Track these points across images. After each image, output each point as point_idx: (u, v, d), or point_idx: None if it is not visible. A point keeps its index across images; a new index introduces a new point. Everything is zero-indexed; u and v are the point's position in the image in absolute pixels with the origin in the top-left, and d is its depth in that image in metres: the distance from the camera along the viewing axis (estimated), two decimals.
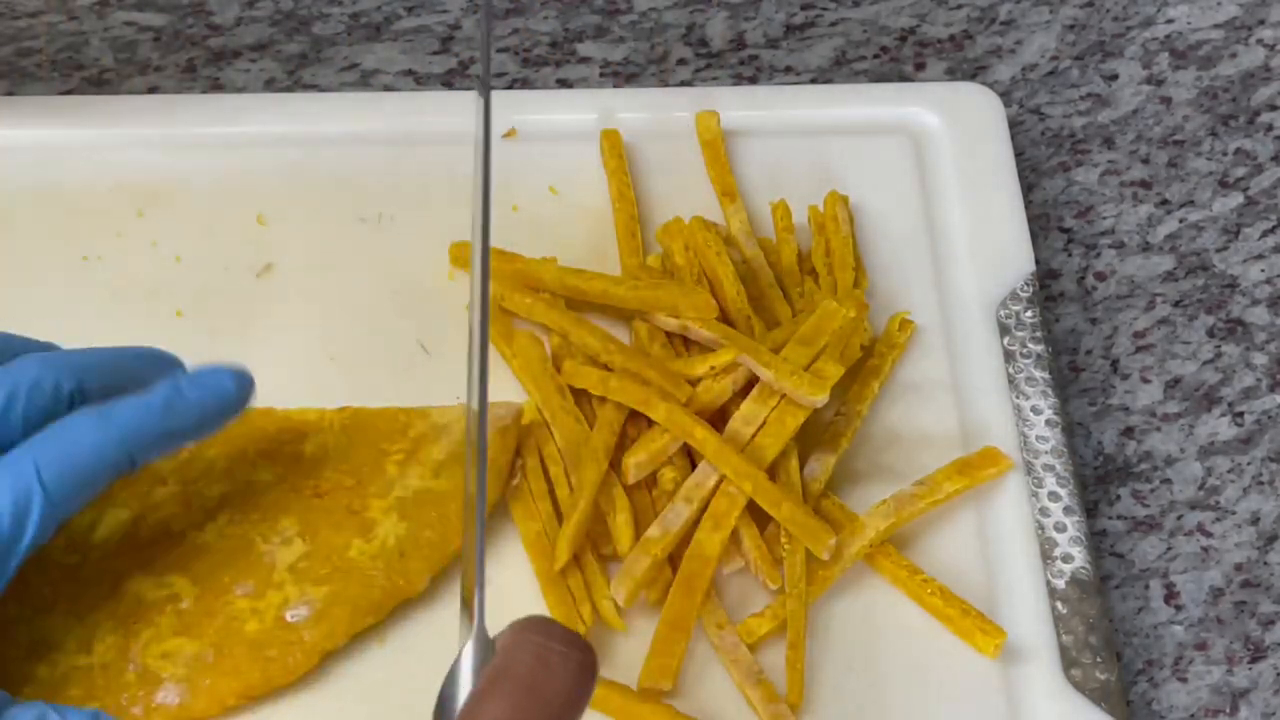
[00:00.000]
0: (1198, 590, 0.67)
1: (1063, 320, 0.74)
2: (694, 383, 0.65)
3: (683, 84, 0.81)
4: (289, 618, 0.61)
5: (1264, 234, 0.77)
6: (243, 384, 0.58)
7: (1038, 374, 0.69)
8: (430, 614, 0.62)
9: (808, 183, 0.74)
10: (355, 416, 0.66)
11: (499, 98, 0.78)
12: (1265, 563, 0.68)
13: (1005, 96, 0.80)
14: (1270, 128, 0.80)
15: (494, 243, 0.70)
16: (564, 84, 0.81)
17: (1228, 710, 0.65)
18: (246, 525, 0.62)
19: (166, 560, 0.61)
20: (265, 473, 0.64)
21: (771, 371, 0.64)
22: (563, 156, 0.75)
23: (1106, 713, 0.61)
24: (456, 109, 0.77)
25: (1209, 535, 0.69)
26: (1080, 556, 0.65)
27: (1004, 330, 0.70)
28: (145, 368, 0.58)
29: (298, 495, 0.63)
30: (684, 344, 0.68)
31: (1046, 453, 0.67)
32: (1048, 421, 0.68)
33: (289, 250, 0.71)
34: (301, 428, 0.65)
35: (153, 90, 0.79)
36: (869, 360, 0.69)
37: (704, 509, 0.63)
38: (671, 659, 0.61)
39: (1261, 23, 0.84)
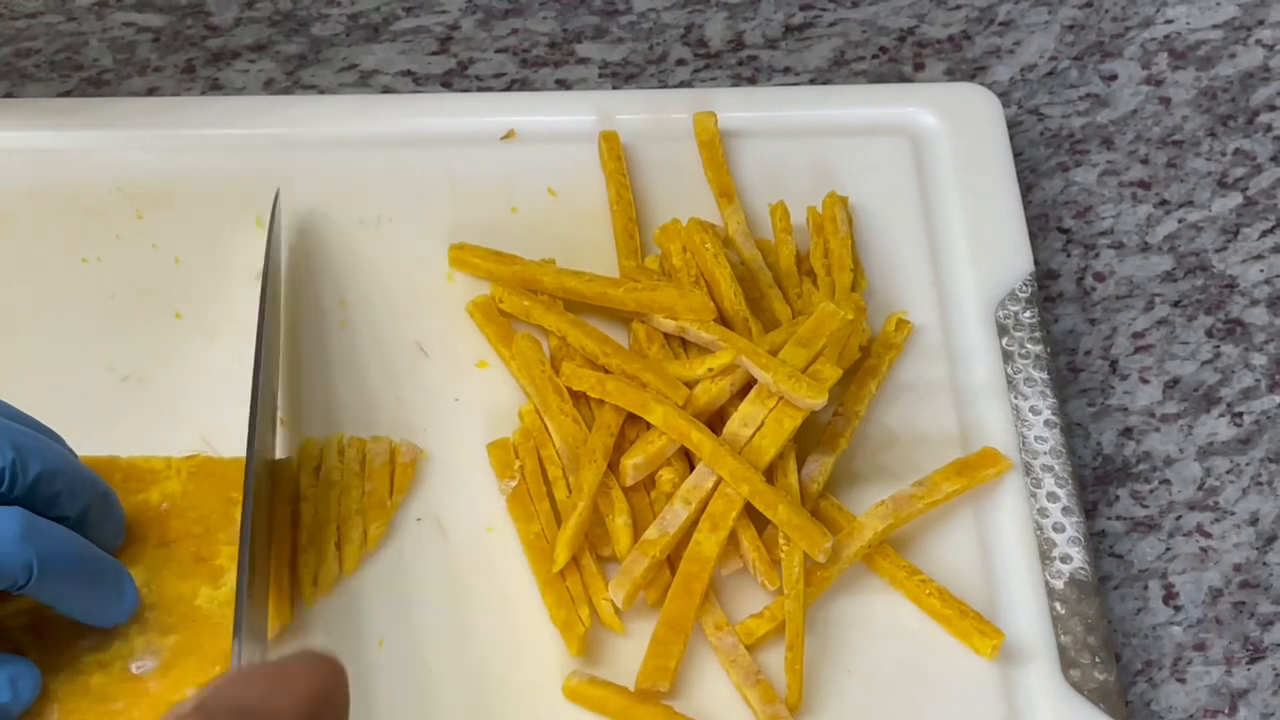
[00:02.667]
0: (1196, 591, 0.68)
1: (1062, 320, 0.74)
2: (692, 384, 0.65)
3: (681, 85, 0.81)
4: (134, 669, 0.60)
5: (1263, 234, 0.77)
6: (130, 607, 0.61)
7: (1036, 374, 0.69)
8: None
9: (806, 183, 0.74)
10: (203, 465, 0.65)
11: (499, 98, 0.79)
12: (1264, 563, 0.68)
13: (1004, 97, 0.80)
14: (1269, 128, 0.80)
15: (493, 244, 0.71)
16: (563, 84, 0.81)
17: (1226, 711, 0.65)
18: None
19: (7, 611, 0.60)
20: None
21: (769, 374, 0.64)
22: (561, 158, 0.75)
23: (1105, 713, 0.61)
24: (455, 109, 0.77)
25: (1208, 536, 0.69)
26: (1079, 557, 0.65)
27: (1002, 330, 0.70)
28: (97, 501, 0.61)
29: (143, 544, 0.63)
30: (682, 345, 0.68)
31: (1045, 453, 0.67)
32: (1046, 422, 0.68)
33: (288, 252, 0.71)
34: (147, 476, 0.65)
35: (152, 91, 0.79)
36: (866, 360, 0.69)
37: (702, 510, 0.63)
38: (669, 660, 0.61)
39: (1261, 23, 0.84)
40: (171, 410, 0.67)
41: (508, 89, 0.80)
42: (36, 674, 0.59)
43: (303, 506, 0.64)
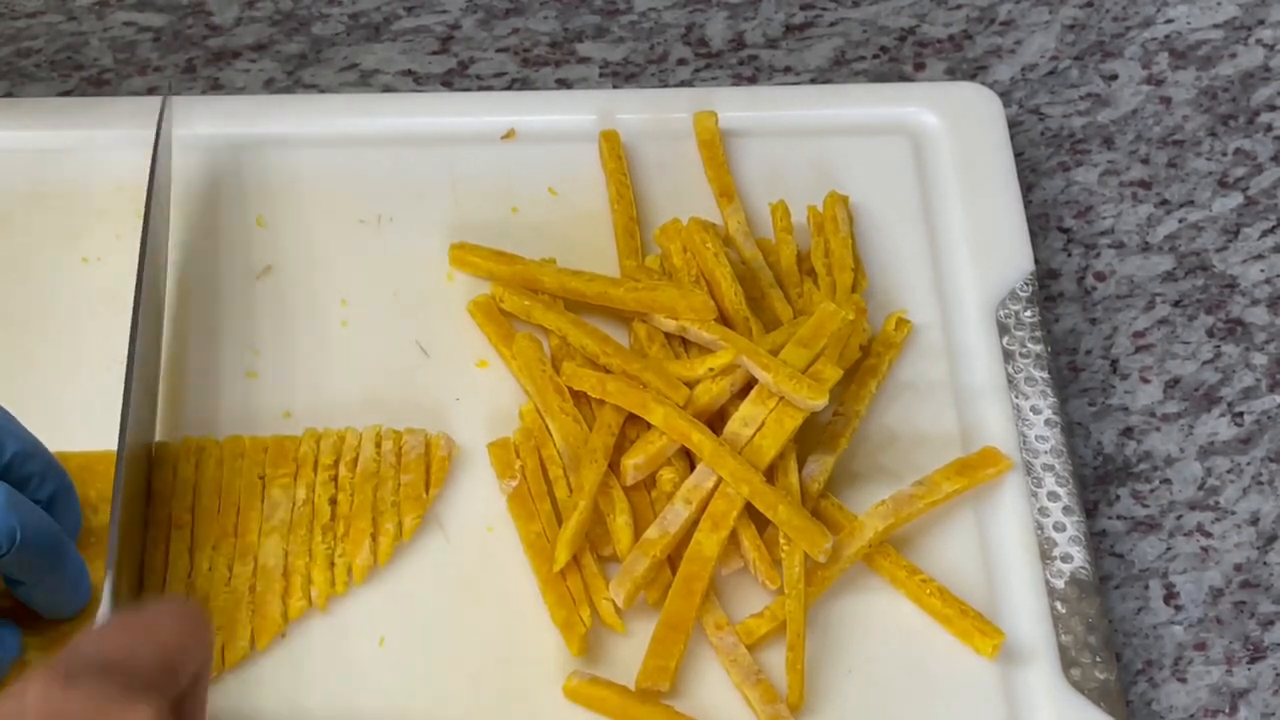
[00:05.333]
0: (1197, 590, 0.67)
1: (1062, 320, 0.74)
2: (692, 384, 0.65)
3: (682, 84, 0.81)
4: None
5: (1264, 234, 0.77)
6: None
7: (1037, 374, 0.69)
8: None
9: (807, 183, 0.74)
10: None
11: (500, 98, 0.79)
12: (1265, 563, 0.68)
13: (1005, 96, 0.80)
14: (1270, 128, 0.80)
15: (493, 243, 0.71)
16: (563, 84, 0.81)
17: (1227, 710, 0.65)
18: (90, 570, 0.61)
19: (3, 608, 0.60)
20: (106, 515, 0.62)
21: (770, 374, 0.64)
22: (562, 157, 0.75)
23: (1106, 713, 0.61)
24: (456, 109, 0.77)
25: (1208, 535, 0.69)
26: (1079, 556, 0.65)
27: (1003, 330, 0.70)
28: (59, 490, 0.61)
29: (159, 529, 0.63)
30: (683, 345, 0.68)
31: (1046, 453, 0.67)
32: (1047, 421, 0.68)
33: (288, 252, 0.72)
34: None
35: (152, 90, 0.79)
36: (867, 360, 0.69)
37: (703, 510, 0.63)
38: (670, 660, 0.61)
39: (1261, 23, 0.84)
40: (172, 410, 0.67)
41: (508, 88, 0.80)
42: (18, 634, 0.59)
43: (340, 496, 0.65)
